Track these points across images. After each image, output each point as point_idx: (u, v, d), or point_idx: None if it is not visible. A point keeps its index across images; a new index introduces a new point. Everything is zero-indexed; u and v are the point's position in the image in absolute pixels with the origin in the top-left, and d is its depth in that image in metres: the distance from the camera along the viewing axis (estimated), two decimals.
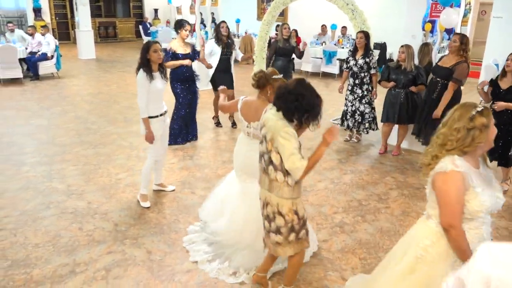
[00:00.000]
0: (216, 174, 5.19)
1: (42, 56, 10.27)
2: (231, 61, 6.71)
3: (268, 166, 2.65)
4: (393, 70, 5.64)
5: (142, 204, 4.32)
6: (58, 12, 17.66)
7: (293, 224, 2.69)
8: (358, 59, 6.00)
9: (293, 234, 2.71)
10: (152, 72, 4.02)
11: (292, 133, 2.54)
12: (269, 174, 2.65)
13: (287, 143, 2.51)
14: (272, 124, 2.60)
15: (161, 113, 4.21)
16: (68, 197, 4.50)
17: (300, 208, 2.71)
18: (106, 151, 5.87)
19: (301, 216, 2.72)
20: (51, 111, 7.84)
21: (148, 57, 3.97)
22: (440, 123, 2.10)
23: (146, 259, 3.48)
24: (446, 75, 4.93)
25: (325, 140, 2.58)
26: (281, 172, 2.59)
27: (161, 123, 4.21)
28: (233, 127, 7.02)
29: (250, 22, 15.56)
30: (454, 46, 4.85)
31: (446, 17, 5.32)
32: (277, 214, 2.69)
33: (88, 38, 13.94)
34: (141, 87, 3.99)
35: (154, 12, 19.63)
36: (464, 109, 2.00)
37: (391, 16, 11.64)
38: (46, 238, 3.72)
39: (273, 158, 2.60)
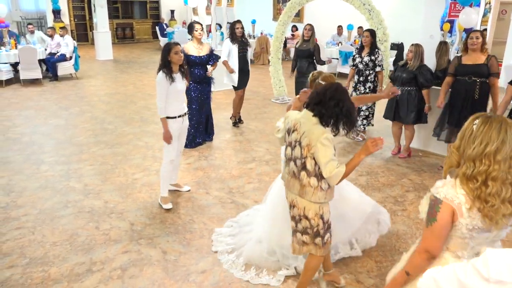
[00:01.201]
0: (231, 174, 5.20)
1: (61, 57, 10.44)
2: (248, 59, 6.74)
3: (301, 172, 2.61)
4: (399, 68, 5.61)
5: (164, 206, 4.31)
6: (76, 14, 17.93)
7: (318, 228, 2.69)
8: (364, 56, 6.09)
9: (318, 238, 2.72)
10: (172, 73, 4.06)
11: (332, 139, 2.51)
12: (301, 179, 2.62)
13: (327, 150, 2.48)
14: (308, 130, 2.55)
15: (180, 114, 4.22)
16: (85, 196, 4.56)
17: (325, 212, 2.70)
18: (122, 151, 5.93)
19: (326, 220, 2.72)
20: (69, 111, 7.97)
21: (169, 58, 4.02)
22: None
23: (161, 259, 3.50)
24: (485, 73, 4.78)
25: (367, 149, 2.52)
26: (314, 177, 2.58)
27: (179, 124, 4.23)
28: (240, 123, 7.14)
29: (265, 23, 15.55)
30: (478, 43, 4.72)
31: (465, 16, 5.22)
32: (303, 217, 2.70)
33: (105, 39, 14.12)
34: (161, 88, 4.03)
35: (171, 13, 19.79)
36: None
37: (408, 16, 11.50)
38: (63, 237, 3.78)
39: (308, 164, 2.57)
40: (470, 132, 1.77)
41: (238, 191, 4.76)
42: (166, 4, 19.87)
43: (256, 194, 4.69)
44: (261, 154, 5.89)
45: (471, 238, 1.79)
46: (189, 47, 5.71)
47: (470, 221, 1.75)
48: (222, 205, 4.42)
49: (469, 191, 1.73)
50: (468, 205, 1.73)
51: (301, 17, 14.48)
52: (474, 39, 4.75)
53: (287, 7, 8.35)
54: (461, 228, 1.77)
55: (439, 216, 1.77)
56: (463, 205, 1.74)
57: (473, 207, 1.73)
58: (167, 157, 4.28)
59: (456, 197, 1.74)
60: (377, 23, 6.83)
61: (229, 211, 4.30)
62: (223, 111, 8.02)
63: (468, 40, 4.79)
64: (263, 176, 5.16)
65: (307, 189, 2.61)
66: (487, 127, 1.72)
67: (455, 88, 5.05)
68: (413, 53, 5.38)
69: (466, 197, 1.74)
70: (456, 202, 1.74)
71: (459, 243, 1.82)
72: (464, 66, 4.91)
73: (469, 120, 1.81)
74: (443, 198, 1.76)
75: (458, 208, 1.74)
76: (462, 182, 1.75)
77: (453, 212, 1.75)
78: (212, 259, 3.51)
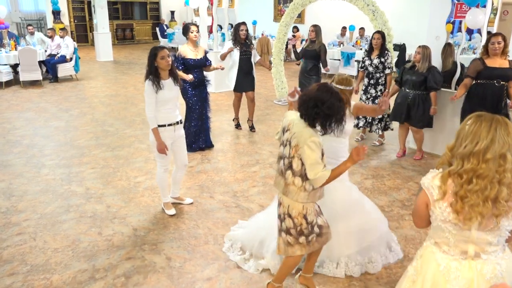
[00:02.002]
0: (235, 178, 5.12)
1: (61, 58, 10.37)
2: (252, 62, 6.60)
3: (287, 171, 2.66)
4: (407, 70, 5.51)
5: (167, 212, 4.21)
6: (76, 15, 17.87)
7: (301, 228, 2.71)
8: (373, 59, 5.97)
9: (302, 237, 2.75)
10: (160, 80, 3.78)
11: (318, 143, 2.54)
12: (286, 178, 2.67)
13: (312, 153, 2.52)
14: (298, 131, 2.59)
15: (171, 122, 3.93)
16: (87, 201, 4.48)
17: (310, 212, 2.72)
18: (124, 153, 5.85)
19: (310, 221, 2.73)
20: (70, 113, 7.89)
21: (156, 64, 3.74)
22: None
23: (165, 265, 3.42)
24: (509, 76, 4.70)
25: (352, 158, 2.60)
26: (299, 177, 2.62)
27: (170, 133, 3.94)
28: (251, 131, 6.92)
29: (266, 24, 15.50)
30: (500, 48, 4.62)
31: (472, 17, 5.14)
32: (287, 216, 2.74)
33: (106, 40, 14.06)
34: (148, 97, 3.77)
35: (171, 14, 19.74)
36: None
37: (410, 18, 11.45)
38: (65, 243, 3.70)
39: (294, 164, 2.61)
40: (463, 130, 1.80)
41: (242, 195, 4.69)
42: (166, 5, 19.82)
43: (261, 198, 4.61)
44: (265, 157, 5.81)
45: (449, 233, 1.86)
46: (186, 51, 5.54)
47: (441, 213, 1.83)
48: (226, 210, 4.35)
49: (444, 186, 1.80)
50: (436, 197, 1.82)
51: (302, 18, 14.43)
52: (496, 45, 4.63)
53: (289, 8, 8.28)
54: (436, 219, 1.87)
55: (416, 200, 1.97)
56: (434, 195, 1.83)
57: (443, 200, 1.80)
58: (160, 166, 4.09)
59: (432, 187, 1.84)
60: (381, 24, 6.76)
61: (234, 215, 4.22)
62: (225, 113, 7.95)
63: (490, 45, 4.67)
64: (268, 179, 5.09)
65: (291, 188, 2.65)
66: (477, 125, 1.76)
67: (478, 92, 4.89)
68: (421, 55, 5.29)
69: (438, 189, 1.82)
70: (430, 192, 1.85)
71: (440, 236, 1.90)
72: (491, 69, 4.75)
73: (464, 120, 1.84)
74: (423, 186, 1.88)
75: (431, 197, 1.85)
76: (443, 177, 1.81)
77: (426, 200, 1.87)
78: (218, 265, 3.43)
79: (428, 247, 1.99)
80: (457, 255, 1.89)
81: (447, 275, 1.88)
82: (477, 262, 1.87)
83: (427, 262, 1.97)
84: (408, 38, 11.40)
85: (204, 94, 5.82)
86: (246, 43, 6.45)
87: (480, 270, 1.86)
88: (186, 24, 5.75)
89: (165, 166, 4.10)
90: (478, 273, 1.86)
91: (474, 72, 4.86)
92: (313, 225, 2.74)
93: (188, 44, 5.61)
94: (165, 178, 4.16)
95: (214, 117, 7.19)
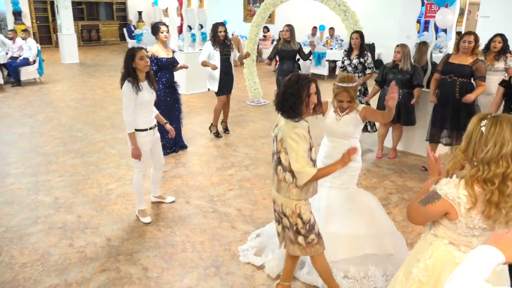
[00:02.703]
0: (211, 182, 5.01)
1: (23, 61, 9.93)
2: (231, 62, 6.47)
3: (277, 166, 2.64)
4: (390, 70, 5.54)
5: (142, 220, 4.07)
6: (39, 16, 17.23)
7: (298, 227, 2.66)
8: (352, 59, 5.94)
9: (301, 237, 2.67)
10: (138, 82, 3.66)
11: (301, 134, 2.50)
12: (278, 174, 2.64)
13: (295, 145, 2.48)
14: (282, 124, 2.59)
15: (151, 126, 3.87)
16: (56, 211, 4.26)
17: (304, 211, 2.66)
18: (94, 160, 5.63)
19: (306, 220, 2.66)
20: (34, 118, 7.55)
21: (134, 65, 3.62)
22: (464, 124, 1.95)
23: (142, 276, 3.28)
24: (466, 74, 4.77)
25: (343, 160, 2.56)
26: (289, 172, 2.57)
27: (150, 137, 3.88)
28: (226, 133, 6.80)
29: (236, 24, 15.41)
30: (469, 47, 4.69)
31: (441, 17, 5.23)
32: (282, 215, 2.72)
33: (71, 41, 13.59)
34: (127, 100, 3.63)
35: (138, 15, 19.32)
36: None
37: (379, 17, 11.62)
38: (34, 257, 3.49)
39: (282, 158, 2.58)
40: (479, 134, 1.75)
41: (219, 199, 4.59)
42: (133, 5, 19.39)
43: (239, 201, 4.52)
44: (240, 159, 5.73)
45: (473, 236, 1.84)
46: (158, 50, 5.40)
47: (471, 221, 1.79)
48: (203, 215, 4.24)
49: (473, 194, 1.74)
50: (468, 206, 1.76)
51: (272, 18, 14.41)
52: (467, 43, 4.70)
53: (260, 8, 8.22)
54: (462, 227, 1.82)
55: (429, 207, 1.86)
56: (462, 205, 1.77)
57: (474, 209, 1.76)
58: (138, 172, 3.96)
59: (458, 197, 1.77)
60: (353, 24, 6.79)
61: (211, 221, 4.12)
62: (197, 115, 7.81)
63: (461, 42, 4.74)
64: (244, 182, 5.00)
65: (282, 184, 2.62)
66: (498, 128, 1.70)
67: (439, 87, 5.05)
68: (401, 53, 5.35)
69: (467, 198, 1.76)
70: (456, 202, 1.78)
71: (462, 240, 1.87)
72: (448, 65, 4.88)
73: (474, 122, 1.79)
74: (444, 195, 1.80)
75: (458, 208, 1.78)
76: (468, 185, 1.76)
77: (448, 210, 1.81)
78: (197, 274, 3.33)
79: (441, 247, 1.94)
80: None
81: None
82: None
83: (443, 261, 1.92)
84: (376, 37, 11.58)
85: (175, 96, 5.68)
86: (226, 43, 6.32)
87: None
88: (156, 24, 5.57)
89: (143, 171, 4.00)
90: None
91: (441, 66, 5.01)
92: (311, 224, 2.68)
93: (159, 44, 5.47)
94: (142, 183, 4.03)
95: (187, 119, 7.04)
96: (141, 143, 3.82)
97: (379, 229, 3.23)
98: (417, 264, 2.00)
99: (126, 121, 3.71)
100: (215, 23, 6.30)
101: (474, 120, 1.80)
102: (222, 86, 6.38)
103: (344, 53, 6.17)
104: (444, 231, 1.92)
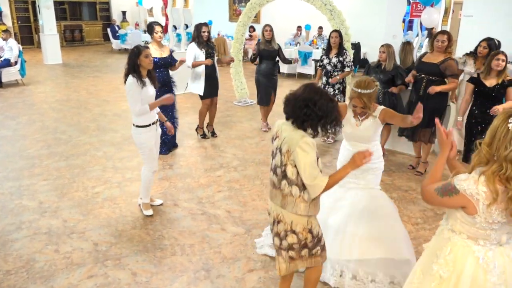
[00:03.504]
0: (199, 183, 4.96)
1: (4, 62, 9.73)
2: (215, 64, 6.37)
3: (282, 181, 2.43)
4: (373, 69, 5.58)
5: (145, 212, 4.18)
6: (20, 16, 16.92)
7: (306, 242, 2.51)
8: (331, 57, 6.00)
9: (305, 250, 2.53)
10: (142, 78, 3.78)
11: (312, 144, 2.32)
12: (282, 189, 2.44)
13: (306, 156, 2.29)
14: (288, 135, 2.38)
15: (153, 121, 3.96)
16: (41, 216, 4.16)
17: (315, 226, 2.52)
18: (79, 162, 5.52)
19: (316, 234, 2.53)
20: (17, 120, 7.39)
21: (139, 62, 3.74)
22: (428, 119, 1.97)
23: (131, 281, 3.22)
24: (434, 72, 4.84)
25: (354, 162, 2.39)
26: (296, 186, 2.39)
27: (153, 132, 3.98)
28: (213, 136, 6.70)
29: (222, 24, 15.34)
30: (442, 46, 4.74)
31: (427, 16, 5.28)
32: (290, 232, 2.49)
33: (53, 42, 13.36)
34: (134, 92, 3.74)
35: (122, 15, 19.13)
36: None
37: (366, 17, 11.69)
38: (18, 264, 3.40)
39: (288, 171, 2.38)
40: (505, 130, 1.77)
41: (208, 201, 4.54)
42: (117, 4, 19.18)
43: (228, 203, 4.48)
44: (228, 160, 5.69)
45: (492, 230, 1.87)
46: (151, 50, 5.35)
47: (490, 216, 1.81)
48: (192, 217, 4.18)
49: (494, 190, 1.76)
50: (487, 202, 1.78)
51: (258, 18, 14.37)
52: (440, 43, 4.74)
53: (246, 8, 8.19)
54: (481, 222, 1.85)
55: (447, 199, 1.90)
56: (481, 201, 1.80)
57: (493, 204, 1.78)
58: (149, 169, 4.08)
59: (477, 193, 1.80)
60: (339, 24, 6.81)
61: (200, 223, 4.07)
62: (185, 116, 7.73)
63: (435, 41, 4.79)
64: (233, 184, 4.96)
65: (289, 199, 2.41)
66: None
67: (413, 84, 5.15)
68: (386, 53, 5.38)
69: (486, 194, 1.78)
70: (475, 198, 1.81)
71: (480, 234, 1.90)
72: (421, 63, 4.99)
73: (501, 119, 1.81)
74: (462, 190, 1.83)
75: (477, 203, 1.81)
76: (490, 181, 1.78)
77: (466, 204, 1.84)
78: (187, 277, 3.28)
79: (459, 242, 1.96)
80: (492, 245, 1.92)
81: (486, 267, 1.91)
82: (505, 247, 1.94)
83: (463, 257, 1.95)
84: (362, 37, 11.65)
85: None
86: (209, 44, 6.25)
87: (508, 253, 1.93)
88: (150, 23, 5.56)
89: (154, 168, 4.11)
90: (507, 257, 1.93)
91: (416, 65, 5.13)
92: (319, 238, 2.56)
93: (153, 44, 5.47)
94: (152, 179, 4.16)
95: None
96: (144, 139, 3.92)
97: (396, 234, 3.17)
98: (436, 260, 2.02)
99: (140, 113, 3.80)
100: (198, 23, 6.19)
101: (502, 117, 1.82)
102: (207, 89, 6.21)
103: (322, 52, 6.20)
104: (462, 225, 1.94)
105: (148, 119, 3.91)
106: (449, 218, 2.02)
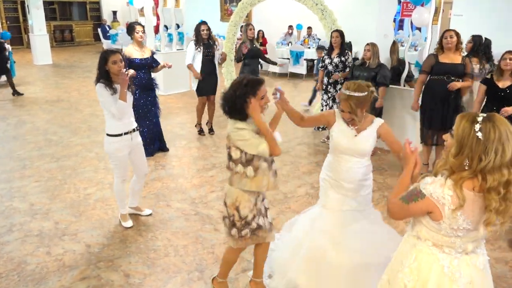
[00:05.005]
0: (192, 184, 4.95)
1: None
2: (215, 62, 6.38)
3: (229, 162, 2.68)
4: (357, 67, 5.63)
5: (124, 224, 3.97)
6: (9, 16, 16.73)
7: (234, 219, 2.70)
8: (333, 58, 5.99)
9: (234, 229, 2.72)
10: (113, 84, 3.55)
11: (241, 127, 2.54)
12: (231, 168, 2.68)
13: (242, 132, 2.53)
14: (229, 127, 2.66)
15: (128, 130, 3.70)
16: (32, 218, 4.12)
17: (244, 206, 2.68)
18: (70, 164, 5.48)
19: (243, 216, 2.69)
20: (7, 122, 7.31)
21: (107, 68, 3.51)
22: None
23: (124, 283, 3.20)
24: (458, 72, 4.77)
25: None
26: (240, 164, 2.62)
27: (126, 142, 3.70)
28: (210, 133, 6.74)
29: (214, 23, 15.26)
30: (452, 42, 4.70)
31: (418, 16, 5.32)
32: (224, 204, 2.79)
33: (43, 42, 13.24)
34: (105, 97, 3.51)
35: (113, 14, 18.98)
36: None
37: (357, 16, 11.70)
38: (9, 266, 3.37)
39: (232, 153, 2.63)
40: (474, 140, 1.68)
41: (201, 201, 4.53)
42: (107, 4, 19.03)
43: (221, 203, 4.42)
44: (221, 160, 5.68)
45: (457, 237, 1.82)
46: (131, 51, 5.30)
47: (455, 222, 1.76)
48: (185, 218, 4.17)
49: (461, 196, 1.70)
50: (452, 206, 1.73)
51: (249, 17, 14.35)
52: (449, 38, 4.72)
53: (238, 7, 8.18)
54: (445, 228, 1.80)
55: (412, 205, 1.84)
56: (447, 206, 1.74)
57: (459, 210, 1.71)
58: (117, 177, 3.85)
59: (443, 197, 1.75)
60: (330, 23, 6.83)
61: (193, 223, 4.07)
62: (176, 116, 7.72)
63: (443, 39, 4.77)
64: (226, 184, 4.94)
65: (235, 176, 2.66)
66: (497, 133, 1.66)
67: (430, 87, 4.94)
68: (371, 52, 5.41)
69: (452, 198, 1.73)
70: (441, 202, 1.75)
71: (445, 241, 1.85)
72: (442, 65, 4.80)
73: (464, 125, 1.72)
74: (429, 195, 1.78)
75: (442, 208, 1.76)
76: (457, 186, 1.72)
77: (432, 209, 1.78)
78: (181, 278, 3.27)
79: (425, 249, 1.90)
80: (458, 253, 1.87)
81: (452, 276, 1.85)
82: (471, 256, 1.89)
83: (427, 264, 1.89)
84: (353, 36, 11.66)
85: (152, 97, 5.58)
86: (209, 43, 6.24)
87: (474, 263, 1.88)
88: (131, 24, 5.49)
89: (122, 177, 3.86)
90: (473, 266, 1.88)
91: (428, 67, 4.92)
92: (247, 221, 2.69)
93: (134, 45, 5.38)
94: (123, 189, 3.91)
95: (165, 120, 6.96)
96: (115, 149, 3.69)
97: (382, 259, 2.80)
98: (401, 268, 1.96)
99: (118, 112, 3.54)
100: (198, 23, 6.23)
101: (464, 123, 1.72)
102: (202, 86, 6.32)
103: (324, 52, 6.21)
104: (427, 232, 1.88)
105: (122, 127, 3.67)
106: (415, 225, 1.95)
